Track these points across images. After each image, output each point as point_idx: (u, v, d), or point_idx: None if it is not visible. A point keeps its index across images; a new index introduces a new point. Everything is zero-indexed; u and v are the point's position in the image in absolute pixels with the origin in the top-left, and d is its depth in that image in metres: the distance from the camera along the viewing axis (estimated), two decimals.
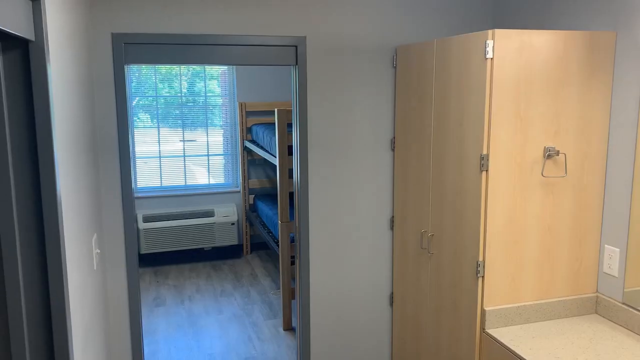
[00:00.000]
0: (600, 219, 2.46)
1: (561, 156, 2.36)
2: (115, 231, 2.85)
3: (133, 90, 5.97)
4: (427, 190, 2.77)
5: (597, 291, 2.50)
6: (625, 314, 2.33)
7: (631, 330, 2.31)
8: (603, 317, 2.45)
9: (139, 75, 5.97)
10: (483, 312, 2.37)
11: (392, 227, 3.23)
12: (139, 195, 5.99)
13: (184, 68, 6.06)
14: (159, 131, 6.08)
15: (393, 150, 3.15)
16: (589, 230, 2.46)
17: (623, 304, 2.35)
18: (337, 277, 3.19)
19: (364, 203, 3.17)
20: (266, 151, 5.16)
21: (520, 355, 2.14)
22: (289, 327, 4.34)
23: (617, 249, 2.38)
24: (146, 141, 6.08)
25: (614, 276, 2.40)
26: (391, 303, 3.29)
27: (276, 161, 4.28)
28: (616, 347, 2.16)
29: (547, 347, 2.19)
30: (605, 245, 2.44)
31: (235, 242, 6.09)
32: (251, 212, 6.10)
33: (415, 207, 2.91)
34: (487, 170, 2.30)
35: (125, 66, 2.77)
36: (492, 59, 2.23)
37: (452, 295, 2.58)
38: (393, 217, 3.21)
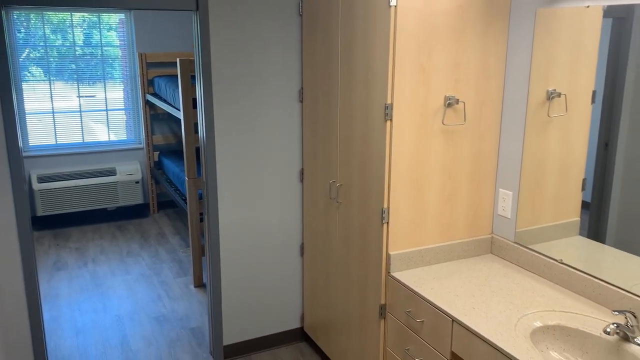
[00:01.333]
0: (495, 164, 2.60)
1: (460, 104, 2.45)
2: (2, 193, 2.62)
3: (21, 42, 5.44)
4: (335, 141, 2.78)
5: (492, 232, 2.66)
6: (517, 252, 2.51)
7: (522, 267, 2.49)
8: (497, 256, 2.62)
9: (28, 25, 5.44)
10: (388, 256, 2.45)
11: (301, 180, 3.23)
12: (31, 154, 5.57)
13: (78, 17, 5.59)
14: (51, 85, 5.63)
15: (301, 101, 3.12)
16: (485, 175, 2.59)
17: (515, 243, 2.53)
18: (248, 231, 3.16)
19: (273, 156, 3.14)
20: (170, 105, 4.94)
21: (422, 295, 2.24)
22: (200, 284, 4.29)
23: (510, 192, 2.54)
24: (39, 97, 5.61)
25: (507, 218, 2.57)
26: (302, 254, 3.33)
27: (180, 115, 4.11)
28: (509, 283, 2.33)
29: (447, 286, 2.31)
30: (500, 189, 2.59)
31: (140, 201, 5.87)
32: (156, 170, 5.87)
33: (324, 158, 2.92)
34: (391, 120, 2.33)
35: (3, 10, 2.49)
36: (396, 6, 2.23)
37: (359, 243, 2.64)
38: (302, 169, 3.21)
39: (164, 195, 6.19)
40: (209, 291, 3.17)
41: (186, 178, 4.09)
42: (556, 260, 2.33)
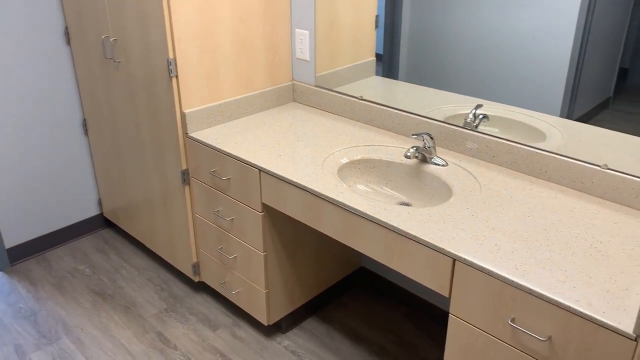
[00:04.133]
0: (289, 2, 2.37)
1: None
2: None
3: None
4: None
5: (293, 79, 2.51)
6: (319, 96, 2.40)
7: (325, 110, 2.41)
8: (300, 103, 2.50)
9: None
10: (183, 115, 2.17)
11: (68, 42, 2.67)
12: None
13: None
14: None
15: None
16: (280, 15, 2.36)
17: (316, 86, 2.41)
18: (10, 117, 2.58)
19: (18, 10, 2.51)
20: None
21: (225, 151, 2.04)
22: None
23: (307, 32, 2.36)
24: None
25: (306, 60, 2.41)
26: (86, 132, 2.87)
27: None
28: (313, 127, 2.23)
29: (251, 139, 2.13)
30: (296, 29, 2.40)
31: None
32: None
33: (92, 10, 2.40)
34: None
35: None
36: None
37: (148, 106, 2.29)
38: (67, 27, 2.65)
39: None
40: None
41: None
42: (356, 98, 2.27)
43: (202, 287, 2.63)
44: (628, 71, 1.62)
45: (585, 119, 1.70)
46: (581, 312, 1.21)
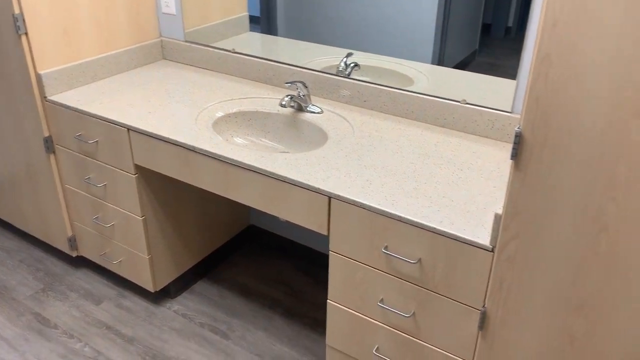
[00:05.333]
0: None
1: None
2: None
3: None
4: None
5: (161, 36, 2.39)
6: (190, 52, 2.32)
7: (197, 66, 2.33)
8: (171, 60, 2.40)
9: None
10: (39, 77, 1.99)
11: None
12: None
13: None
14: None
15: None
16: None
17: (186, 42, 2.32)
18: None
19: None
20: None
21: (91, 113, 1.91)
22: None
23: None
24: None
25: (172, 15, 2.31)
26: None
27: None
28: (185, 83, 2.15)
29: (118, 98, 2.01)
30: None
31: None
32: None
33: None
34: None
35: None
36: None
37: None
38: None
39: None
40: None
41: None
42: (229, 51, 2.22)
43: (81, 262, 2.48)
44: (491, 26, 1.73)
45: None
46: (445, 232, 1.29)
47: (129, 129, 1.83)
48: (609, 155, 1.00)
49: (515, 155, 1.10)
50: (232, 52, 2.21)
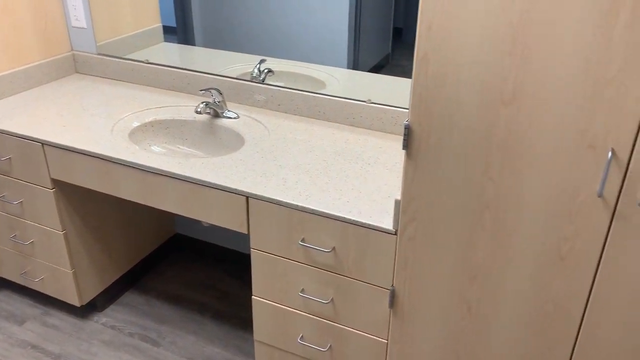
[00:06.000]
0: None
1: None
2: None
3: None
4: None
5: (72, 49, 2.38)
6: (103, 65, 2.32)
7: (111, 79, 2.33)
8: (84, 74, 2.39)
9: None
10: None
11: None
12: None
13: None
14: None
15: None
16: None
17: (98, 54, 2.32)
18: None
19: None
20: None
21: (2, 130, 1.88)
22: None
23: None
24: None
25: (83, 28, 2.30)
26: None
27: None
28: (99, 96, 2.15)
29: (31, 114, 1.99)
30: None
31: None
32: None
33: None
34: None
35: None
36: None
37: None
38: None
39: None
40: None
41: None
42: (143, 62, 2.24)
43: (1, 283, 2.41)
44: (402, 30, 1.86)
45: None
46: (354, 220, 1.41)
47: (44, 143, 1.82)
48: (484, 141, 1.15)
49: (406, 146, 1.23)
50: (146, 63, 2.24)
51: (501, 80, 1.08)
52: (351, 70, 1.93)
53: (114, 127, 1.90)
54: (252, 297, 1.69)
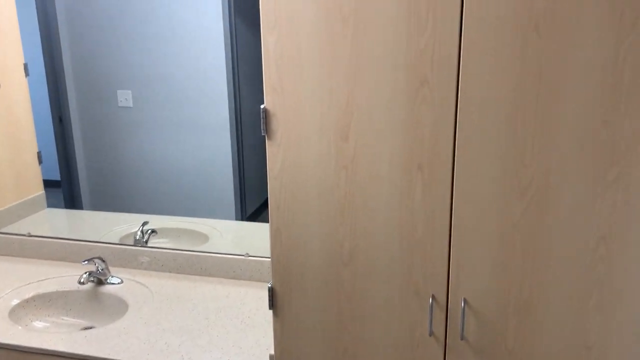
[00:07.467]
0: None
1: None
2: None
3: None
4: None
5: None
6: None
7: None
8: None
9: None
10: None
11: None
12: None
13: None
14: None
15: None
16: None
17: None
18: None
19: None
20: None
21: None
22: None
23: None
24: None
25: None
26: None
27: None
28: None
29: None
30: None
31: None
32: None
33: None
34: None
35: None
36: None
37: None
38: None
39: None
40: None
41: None
42: (25, 235, 2.28)
43: None
44: None
45: (255, 216, 2.10)
46: None
47: None
48: (335, 294, 1.34)
49: (272, 305, 1.39)
50: (28, 236, 2.28)
51: (339, 247, 1.30)
52: (232, 221, 2.10)
53: None
54: None
